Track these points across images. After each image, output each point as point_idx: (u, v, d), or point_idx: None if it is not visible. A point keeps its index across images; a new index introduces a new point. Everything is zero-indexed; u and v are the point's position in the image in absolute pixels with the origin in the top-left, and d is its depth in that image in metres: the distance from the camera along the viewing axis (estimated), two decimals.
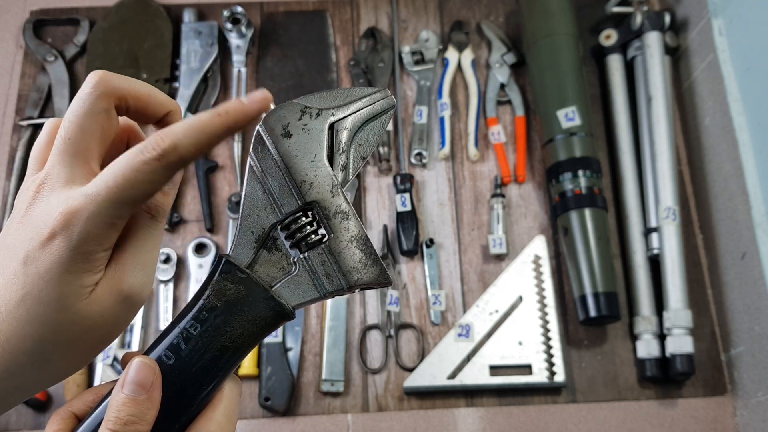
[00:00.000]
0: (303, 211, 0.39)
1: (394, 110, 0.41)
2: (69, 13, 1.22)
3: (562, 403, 1.00)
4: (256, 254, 0.38)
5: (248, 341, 0.37)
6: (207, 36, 1.17)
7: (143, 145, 0.35)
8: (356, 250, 0.38)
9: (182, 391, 0.36)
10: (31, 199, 0.36)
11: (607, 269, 0.99)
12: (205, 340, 0.36)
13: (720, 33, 1.06)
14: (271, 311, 0.37)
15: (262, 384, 0.98)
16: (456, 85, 1.19)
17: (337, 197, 0.39)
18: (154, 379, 0.35)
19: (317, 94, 0.40)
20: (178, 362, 0.36)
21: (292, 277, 0.38)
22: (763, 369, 0.94)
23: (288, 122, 0.39)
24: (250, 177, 0.39)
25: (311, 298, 0.38)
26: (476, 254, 1.08)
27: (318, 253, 0.38)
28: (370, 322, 1.04)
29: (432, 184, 1.12)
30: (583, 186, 1.02)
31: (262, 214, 0.39)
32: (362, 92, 0.40)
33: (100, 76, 0.37)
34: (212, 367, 0.36)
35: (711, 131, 1.07)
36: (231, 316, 0.37)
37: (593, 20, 1.21)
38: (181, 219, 1.09)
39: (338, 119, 0.40)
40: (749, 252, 0.96)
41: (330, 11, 1.23)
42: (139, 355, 0.36)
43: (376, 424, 0.99)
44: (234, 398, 0.38)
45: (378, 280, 0.38)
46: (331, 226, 0.38)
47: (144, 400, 0.35)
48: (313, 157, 0.39)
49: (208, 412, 0.37)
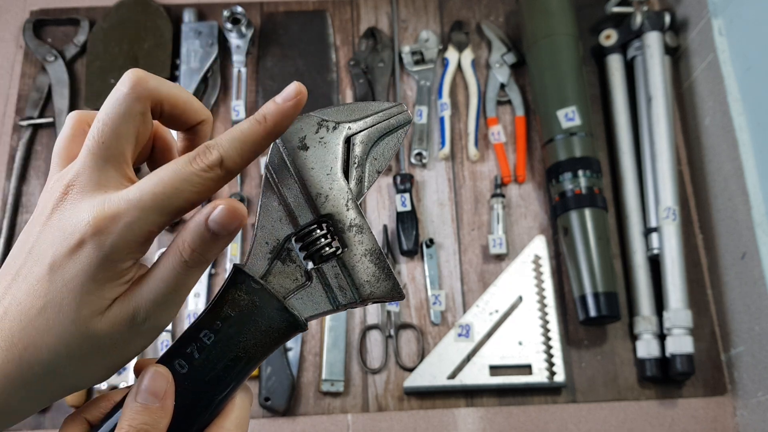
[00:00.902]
0: (318, 224, 0.39)
1: (410, 125, 0.41)
2: (69, 13, 1.22)
3: (562, 403, 1.00)
4: (270, 265, 0.39)
5: (261, 352, 0.37)
6: (207, 36, 1.17)
7: (193, 155, 0.34)
8: (370, 264, 0.39)
9: (195, 399, 0.36)
10: (58, 200, 0.35)
11: (607, 269, 0.99)
12: (219, 350, 0.36)
13: (720, 33, 1.06)
14: (285, 322, 0.37)
15: (262, 384, 0.98)
16: (456, 85, 1.19)
17: (351, 210, 0.39)
18: (168, 387, 0.35)
19: (334, 107, 0.40)
20: (191, 371, 0.36)
21: (306, 290, 0.38)
22: (763, 369, 0.94)
23: (305, 135, 0.39)
24: (266, 188, 0.39)
25: (324, 310, 0.38)
26: (476, 254, 1.08)
27: (332, 266, 0.38)
28: (370, 322, 1.04)
29: (432, 184, 1.12)
30: (583, 186, 1.02)
31: (277, 225, 0.39)
32: (379, 106, 0.41)
33: (138, 77, 0.36)
34: (225, 376, 0.37)
35: (711, 131, 1.07)
36: (244, 327, 0.37)
37: (593, 20, 1.21)
38: (181, 219, 1.08)
39: (354, 133, 0.40)
40: (749, 252, 0.96)
41: (330, 11, 1.23)
42: (152, 363, 0.36)
43: (376, 424, 0.99)
44: (245, 408, 0.38)
45: (391, 294, 0.39)
46: (345, 239, 0.39)
47: (157, 409, 0.35)
48: (329, 171, 0.39)
49: (219, 421, 0.37)
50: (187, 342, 0.37)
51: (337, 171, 0.39)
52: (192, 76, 1.14)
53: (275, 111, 0.36)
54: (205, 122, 0.40)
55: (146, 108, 0.36)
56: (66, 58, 1.18)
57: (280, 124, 0.36)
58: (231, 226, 0.35)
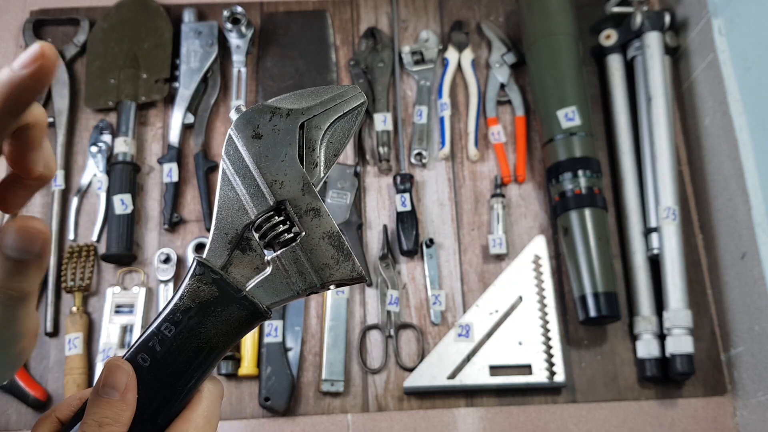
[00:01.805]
0: (275, 211, 0.39)
1: (364, 106, 0.41)
2: (69, 13, 1.22)
3: (562, 403, 1.00)
4: (230, 255, 0.39)
5: (223, 341, 0.37)
6: (207, 36, 1.17)
7: None
8: (328, 246, 0.38)
9: (158, 392, 0.37)
10: None
11: (607, 269, 0.99)
12: (180, 342, 0.37)
13: (720, 33, 1.06)
14: (245, 311, 0.38)
15: (262, 384, 0.98)
16: (456, 85, 1.19)
17: (308, 195, 0.39)
18: (128, 380, 0.36)
19: (288, 95, 0.40)
20: (153, 364, 0.37)
21: (266, 277, 0.38)
22: (763, 369, 0.94)
23: (258, 124, 0.39)
24: (222, 179, 0.39)
25: (285, 297, 0.39)
26: (476, 254, 1.08)
27: (291, 251, 0.38)
28: (370, 322, 1.04)
29: (432, 184, 1.12)
30: (583, 186, 1.02)
31: (235, 215, 0.39)
32: (332, 90, 0.41)
33: None
34: (187, 368, 0.37)
35: (711, 131, 1.07)
36: (205, 318, 0.37)
37: (593, 20, 1.21)
38: (181, 219, 1.08)
39: (308, 118, 0.40)
40: (749, 252, 0.96)
41: (330, 11, 1.23)
42: (116, 358, 0.37)
43: (376, 424, 0.99)
44: (213, 399, 0.38)
45: (351, 276, 0.38)
46: (302, 223, 0.39)
47: (118, 402, 0.35)
48: (284, 157, 0.39)
49: (186, 414, 0.37)
50: (149, 335, 0.37)
51: (293, 157, 0.39)
52: (192, 76, 1.14)
53: (6, 82, 0.29)
54: (30, 126, 0.32)
55: None
56: (66, 58, 1.18)
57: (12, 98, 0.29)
58: (33, 248, 0.31)
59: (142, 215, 1.10)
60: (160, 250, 1.05)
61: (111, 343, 0.99)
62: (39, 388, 0.98)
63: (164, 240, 1.08)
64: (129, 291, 1.03)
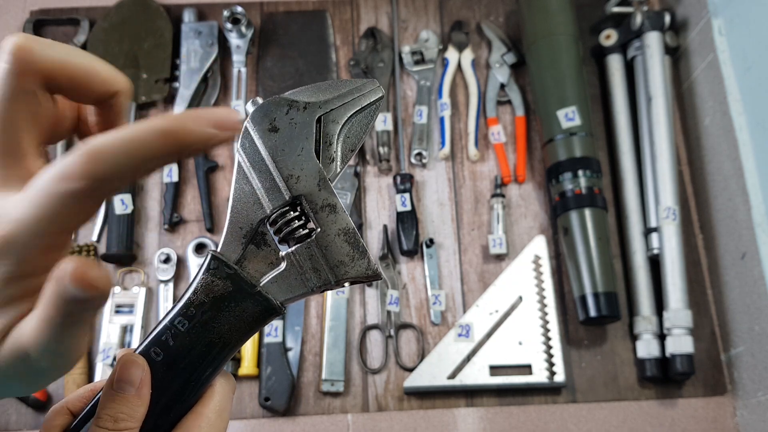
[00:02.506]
0: (291, 206, 0.38)
1: (382, 101, 0.41)
2: (69, 13, 1.22)
3: (562, 403, 1.00)
4: (244, 250, 0.38)
5: (236, 337, 0.37)
6: (207, 36, 1.17)
7: (63, 169, 0.27)
8: (344, 243, 0.38)
9: (171, 387, 0.36)
10: None
11: (607, 269, 0.99)
12: (193, 336, 0.36)
13: (720, 33, 1.06)
14: (259, 307, 0.37)
15: (262, 384, 0.98)
16: (456, 85, 1.19)
17: (324, 190, 0.38)
18: (143, 375, 0.35)
19: (305, 87, 0.40)
20: (166, 358, 0.36)
21: (280, 273, 0.38)
22: (763, 369, 0.94)
23: (275, 117, 0.39)
24: (238, 173, 0.39)
25: (299, 293, 0.38)
26: (476, 254, 1.08)
27: (306, 247, 0.38)
28: (370, 322, 1.04)
29: (432, 184, 1.12)
30: (583, 186, 1.02)
31: (250, 209, 0.38)
32: (350, 84, 0.40)
33: (19, 46, 0.29)
34: (200, 363, 0.37)
35: (711, 131, 1.07)
36: (218, 312, 0.37)
37: (593, 20, 1.21)
38: (181, 219, 1.08)
39: (325, 112, 0.39)
40: (749, 252, 0.96)
41: (330, 11, 1.23)
42: (130, 352, 0.36)
43: (376, 424, 0.99)
44: (225, 395, 0.38)
45: (366, 273, 0.38)
46: (318, 219, 0.38)
47: (133, 397, 0.35)
48: (300, 151, 0.38)
49: (198, 408, 0.37)
50: (162, 329, 0.37)
51: (309, 151, 0.39)
52: (192, 76, 1.14)
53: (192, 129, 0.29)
54: (120, 94, 0.33)
55: (36, 85, 0.30)
56: None
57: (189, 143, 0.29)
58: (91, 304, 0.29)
59: (142, 215, 1.10)
60: (160, 250, 1.05)
61: (111, 343, 0.99)
62: None
63: (164, 240, 1.08)
64: (129, 291, 1.03)
